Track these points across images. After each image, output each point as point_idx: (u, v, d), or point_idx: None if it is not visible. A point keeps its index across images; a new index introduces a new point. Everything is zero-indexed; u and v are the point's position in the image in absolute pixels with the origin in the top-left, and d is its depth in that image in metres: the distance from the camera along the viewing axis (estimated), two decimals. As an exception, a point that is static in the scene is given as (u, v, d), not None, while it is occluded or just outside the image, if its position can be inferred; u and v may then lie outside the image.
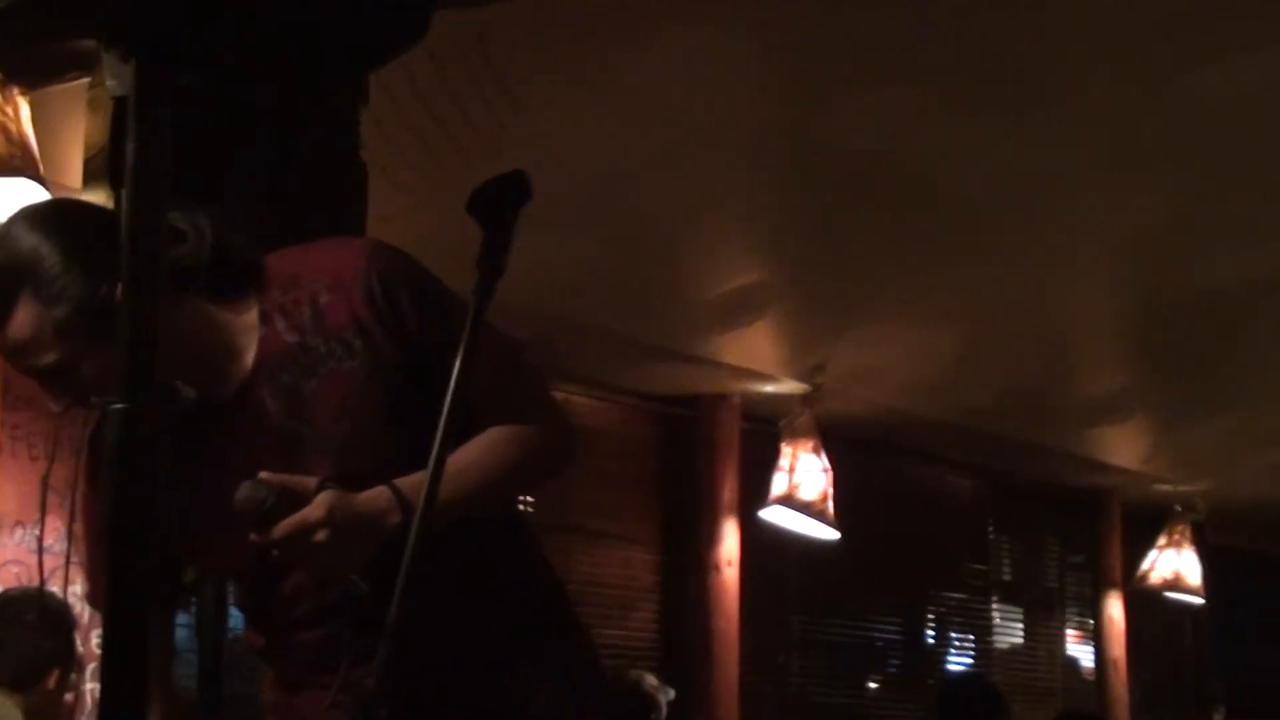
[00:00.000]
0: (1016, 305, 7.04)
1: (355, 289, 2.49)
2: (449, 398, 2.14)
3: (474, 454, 2.48)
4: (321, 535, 2.32)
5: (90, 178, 3.30)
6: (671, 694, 6.68)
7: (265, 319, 2.52)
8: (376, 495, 2.38)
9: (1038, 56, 4.90)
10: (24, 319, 2.35)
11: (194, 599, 3.06)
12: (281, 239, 2.75)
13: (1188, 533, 9.98)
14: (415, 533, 2.11)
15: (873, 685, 9.45)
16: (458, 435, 2.23)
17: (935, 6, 4.63)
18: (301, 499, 2.34)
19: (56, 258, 2.35)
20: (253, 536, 2.34)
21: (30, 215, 2.45)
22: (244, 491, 2.32)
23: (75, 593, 4.87)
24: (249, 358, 2.51)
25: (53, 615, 4.57)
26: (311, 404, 2.49)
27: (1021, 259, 6.51)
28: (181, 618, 3.03)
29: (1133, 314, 7.39)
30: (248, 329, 2.51)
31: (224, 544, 2.53)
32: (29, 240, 2.37)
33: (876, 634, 9.40)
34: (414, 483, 2.26)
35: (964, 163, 5.50)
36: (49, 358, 2.38)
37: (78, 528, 2.64)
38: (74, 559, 2.78)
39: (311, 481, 2.36)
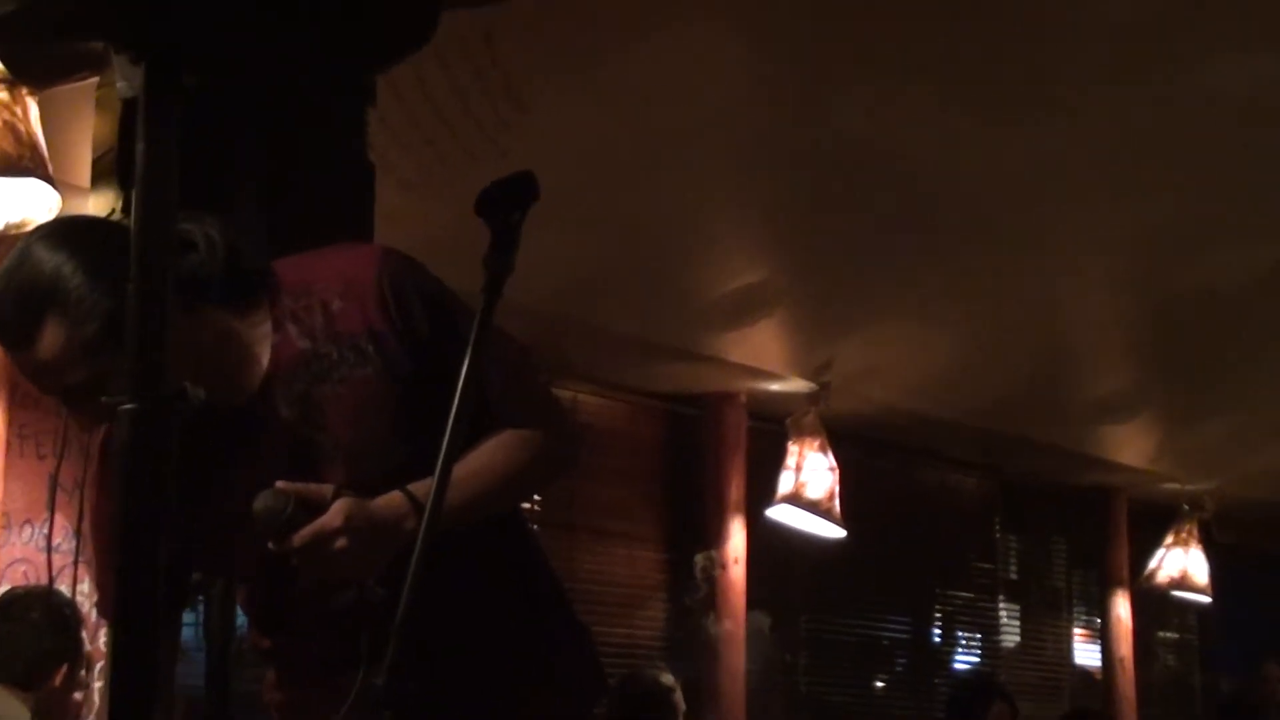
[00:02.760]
0: (1023, 304, 7.04)
1: (368, 296, 2.49)
2: (457, 400, 2.15)
3: (483, 458, 2.49)
4: (340, 543, 2.33)
5: (98, 178, 3.31)
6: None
7: (278, 326, 2.52)
8: (392, 500, 2.39)
9: (1040, 56, 4.91)
10: (52, 339, 2.35)
11: (201, 598, 3.06)
12: (289, 239, 2.76)
13: (1195, 531, 9.96)
14: (423, 536, 2.12)
15: (879, 684, 9.44)
16: (465, 438, 2.24)
17: (938, 6, 4.64)
18: (318, 507, 2.35)
19: (81, 276, 2.35)
20: (272, 546, 2.35)
21: (49, 235, 2.44)
22: (262, 502, 2.33)
23: (83, 591, 4.87)
24: (262, 365, 2.51)
25: (59, 613, 4.57)
26: (325, 410, 2.50)
27: (1027, 258, 6.52)
28: (188, 617, 3.03)
29: (1139, 312, 7.39)
30: (260, 337, 2.52)
31: (237, 548, 2.54)
32: (51, 260, 2.36)
33: (883, 632, 9.39)
34: (428, 487, 2.26)
35: (970, 161, 5.50)
36: (78, 376, 2.37)
37: (85, 526, 2.64)
38: (82, 558, 2.78)
39: (328, 489, 2.37)
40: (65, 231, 2.49)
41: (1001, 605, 10.05)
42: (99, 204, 3.30)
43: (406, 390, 2.49)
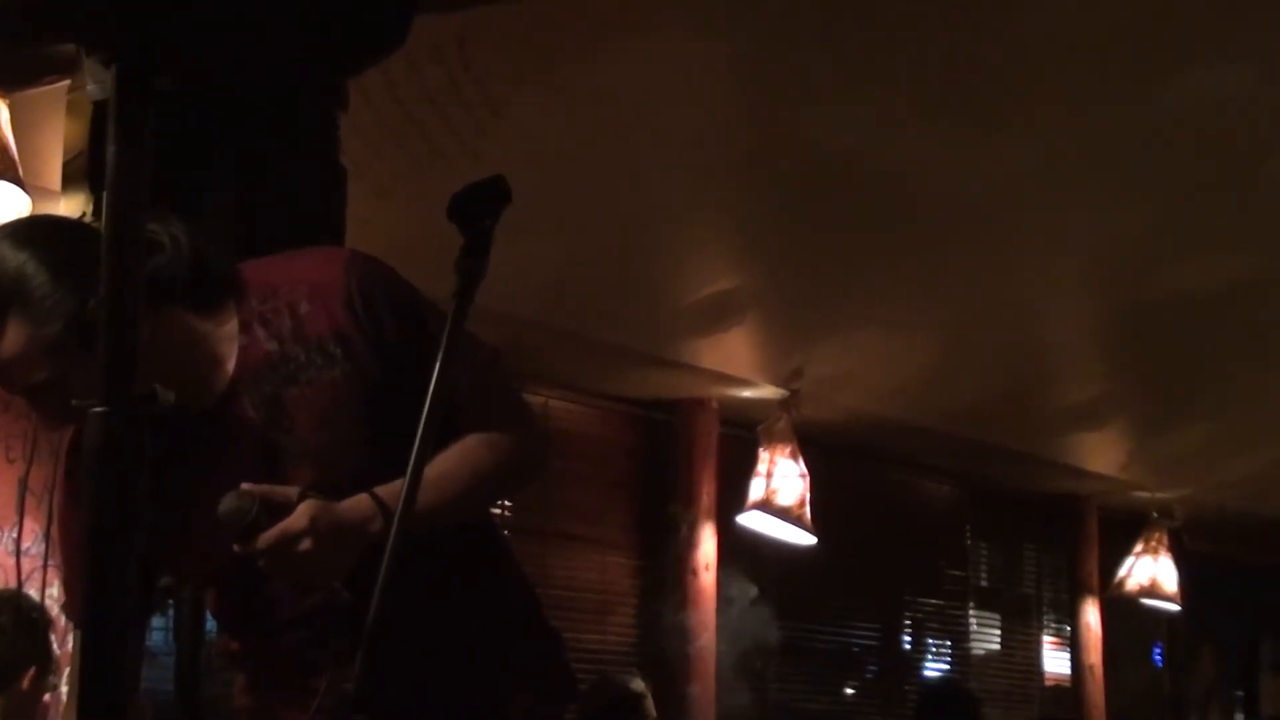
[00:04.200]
0: (994, 311, 7.06)
1: (335, 298, 2.49)
2: (428, 403, 2.15)
3: (452, 462, 2.48)
4: (305, 545, 2.32)
5: (69, 181, 3.30)
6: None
7: (245, 328, 2.52)
8: (358, 503, 2.38)
9: (1012, 64, 4.92)
10: (14, 339, 2.35)
11: (171, 602, 3.06)
12: (261, 242, 2.76)
13: (1164, 540, 10.00)
14: (393, 539, 2.12)
15: (850, 690, 9.45)
16: (435, 441, 2.24)
17: (909, 14, 4.65)
18: (284, 509, 2.34)
19: (44, 276, 2.34)
20: (236, 548, 2.34)
21: (12, 233, 2.43)
22: (228, 503, 2.32)
23: (52, 595, 4.86)
24: (229, 367, 2.51)
25: (28, 617, 4.56)
26: (292, 413, 2.49)
27: (998, 265, 6.53)
28: (157, 621, 3.03)
29: (1110, 320, 7.41)
30: (228, 338, 2.51)
31: (204, 551, 2.54)
32: (14, 259, 2.35)
33: (854, 639, 9.40)
34: (394, 490, 2.26)
35: (940, 168, 5.52)
36: (39, 376, 2.37)
37: (55, 530, 2.64)
38: (51, 561, 2.78)
39: (293, 491, 2.36)
40: (29, 231, 2.49)
41: (972, 612, 10.07)
42: (69, 207, 3.29)
43: (374, 393, 2.49)
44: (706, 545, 7.90)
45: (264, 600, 2.56)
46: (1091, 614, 10.40)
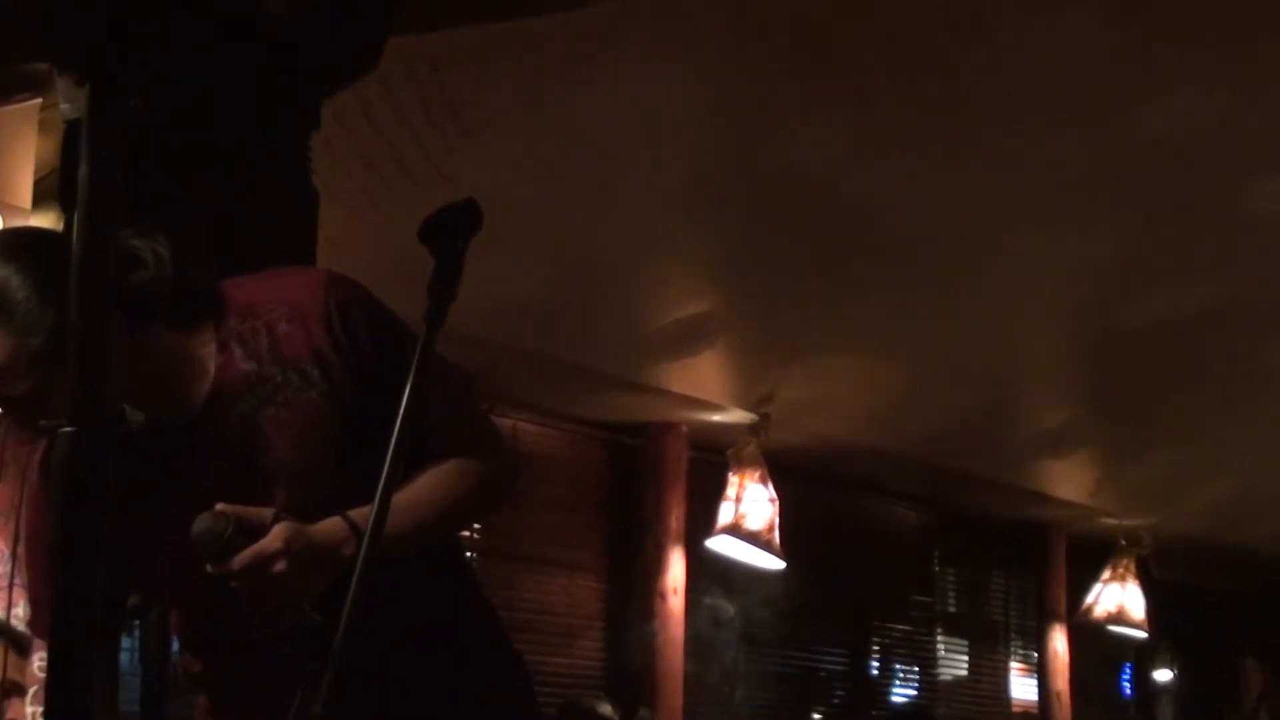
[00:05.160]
0: (962, 338, 7.07)
1: (313, 319, 2.49)
2: (398, 427, 2.15)
3: (423, 487, 2.49)
4: (279, 566, 2.32)
5: (40, 199, 3.30)
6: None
7: (223, 347, 2.51)
8: (331, 526, 2.38)
9: (983, 90, 4.94)
10: None
11: (136, 623, 3.04)
12: (234, 262, 2.75)
13: (1132, 567, 10.02)
14: (362, 561, 2.12)
15: (816, 716, 9.44)
16: (406, 464, 2.24)
17: (878, 44, 4.67)
18: (259, 530, 2.33)
19: (27, 289, 2.33)
20: (210, 568, 2.33)
21: None
22: (202, 524, 2.31)
23: (18, 614, 4.83)
24: (205, 384, 2.49)
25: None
26: (268, 433, 2.48)
27: (966, 292, 6.55)
28: (124, 642, 3.01)
29: (1078, 348, 7.43)
30: (205, 355, 2.50)
31: (175, 568, 2.52)
32: None
33: (821, 664, 9.40)
34: (367, 514, 2.26)
35: (911, 195, 5.53)
36: (21, 388, 2.35)
37: (21, 550, 2.63)
38: (18, 580, 2.76)
39: (268, 513, 2.36)
40: (12, 243, 2.48)
41: (939, 638, 10.08)
42: (40, 225, 3.28)
43: (350, 415, 2.48)
44: (675, 569, 7.89)
45: (232, 620, 2.55)
46: (1059, 640, 10.41)
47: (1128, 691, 11.60)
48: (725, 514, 7.65)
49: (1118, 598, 9.98)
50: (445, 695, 2.64)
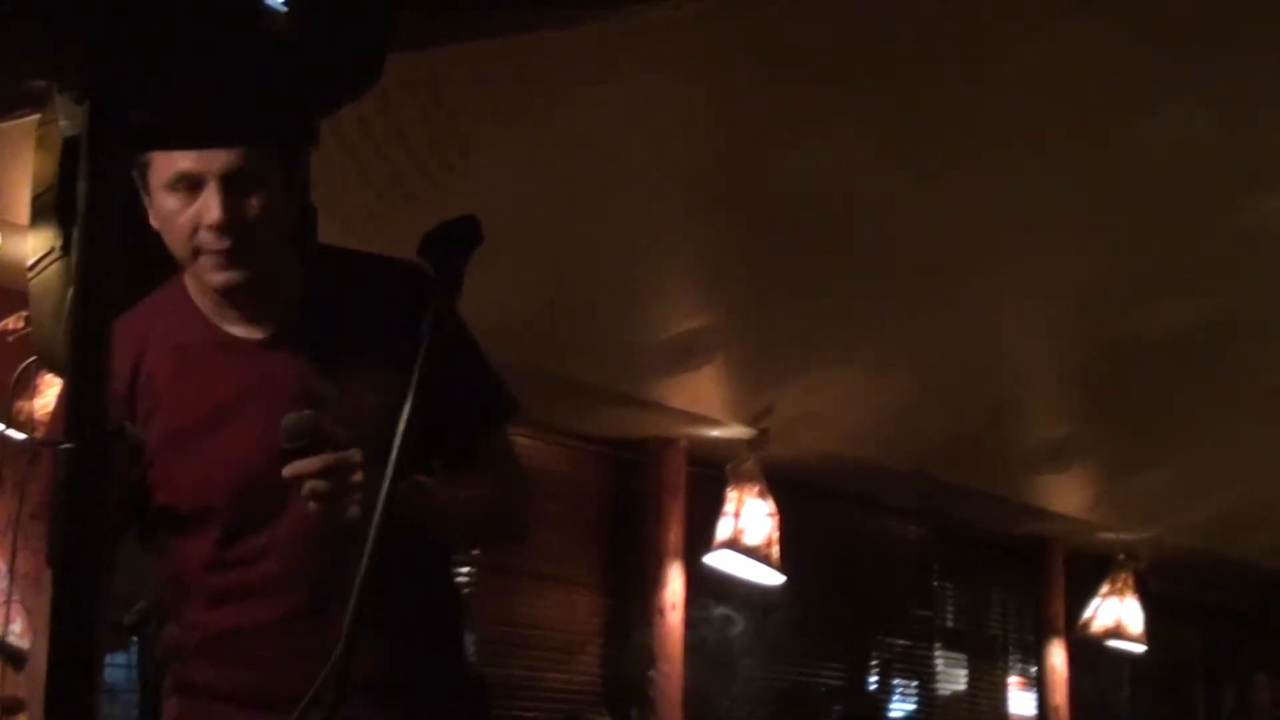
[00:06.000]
0: (961, 352, 7.07)
1: (414, 305, 2.47)
2: (399, 432, 2.20)
3: (485, 492, 2.66)
4: (358, 477, 2.38)
5: (38, 215, 3.29)
6: None
7: (326, 297, 2.67)
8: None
9: (979, 106, 4.94)
10: None
11: (135, 639, 3.04)
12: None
13: (1130, 581, 10.02)
14: (370, 547, 2.15)
15: (816, 731, 9.44)
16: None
17: (879, 60, 4.67)
18: (338, 446, 2.41)
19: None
20: (288, 470, 2.39)
21: None
22: (293, 420, 2.39)
23: (14, 631, 4.83)
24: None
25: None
26: (347, 372, 2.59)
27: (966, 305, 6.55)
28: (121, 659, 3.01)
29: (1077, 361, 7.43)
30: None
31: (226, 474, 2.58)
32: None
33: (820, 679, 9.39)
34: (433, 485, 2.47)
35: (911, 211, 5.54)
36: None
37: (17, 565, 2.63)
38: (14, 597, 2.76)
39: (345, 435, 2.43)
40: None
41: (938, 653, 10.07)
42: (38, 242, 3.28)
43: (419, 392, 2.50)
44: (674, 584, 7.88)
45: (253, 549, 2.57)
46: (1057, 655, 10.41)
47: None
48: (724, 529, 7.65)
49: (1116, 612, 9.99)
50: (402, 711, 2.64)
